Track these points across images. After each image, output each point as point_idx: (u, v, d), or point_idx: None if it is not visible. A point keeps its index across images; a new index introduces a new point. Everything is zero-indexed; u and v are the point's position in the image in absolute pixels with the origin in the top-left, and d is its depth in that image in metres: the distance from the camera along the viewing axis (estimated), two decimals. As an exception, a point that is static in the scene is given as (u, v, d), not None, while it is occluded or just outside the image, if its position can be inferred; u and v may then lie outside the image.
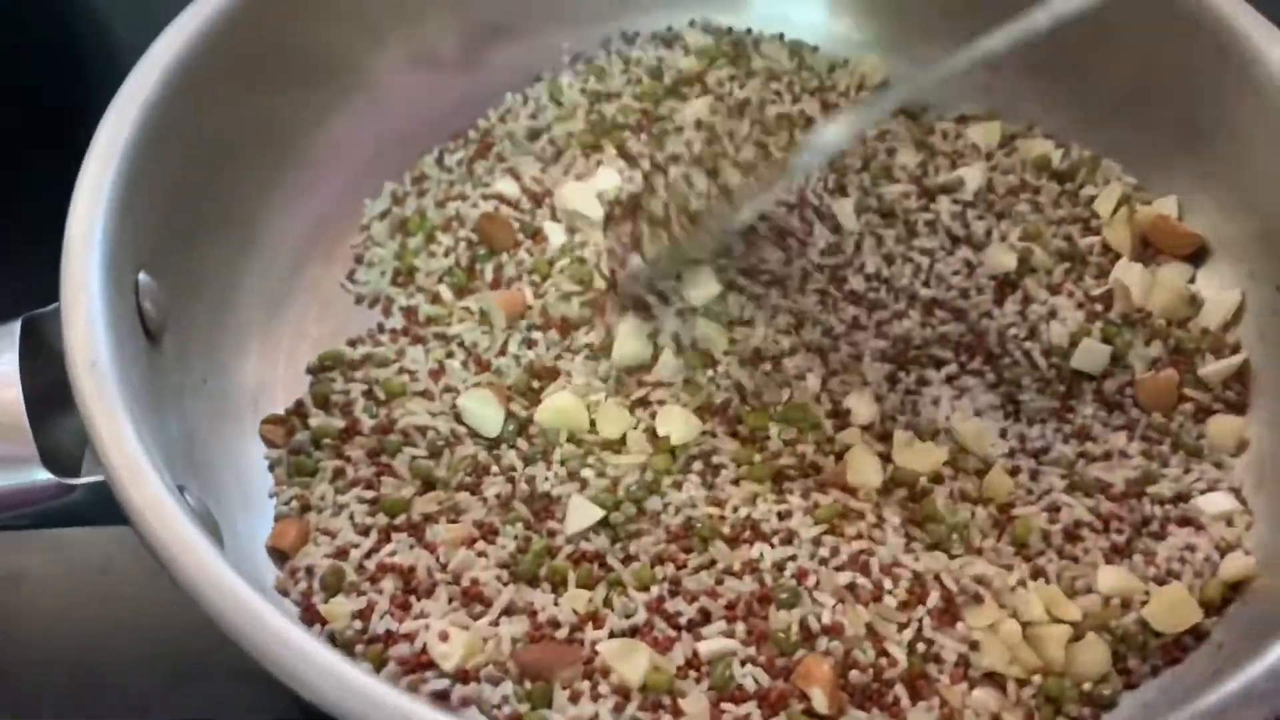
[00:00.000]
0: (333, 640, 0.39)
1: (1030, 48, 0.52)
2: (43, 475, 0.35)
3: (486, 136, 0.54)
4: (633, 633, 0.39)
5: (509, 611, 0.39)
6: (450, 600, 0.39)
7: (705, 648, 0.38)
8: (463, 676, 0.37)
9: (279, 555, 0.41)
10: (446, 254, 0.49)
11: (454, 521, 0.41)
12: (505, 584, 0.40)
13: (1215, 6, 0.47)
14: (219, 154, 0.46)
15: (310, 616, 0.39)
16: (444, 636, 0.37)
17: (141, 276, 0.40)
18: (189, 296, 0.43)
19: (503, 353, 0.46)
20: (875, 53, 0.56)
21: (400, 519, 0.42)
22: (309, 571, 0.40)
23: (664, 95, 0.54)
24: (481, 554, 0.40)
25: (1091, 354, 0.46)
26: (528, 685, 0.37)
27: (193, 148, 0.44)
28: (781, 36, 0.57)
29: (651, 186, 0.46)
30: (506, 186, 0.51)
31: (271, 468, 0.44)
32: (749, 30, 0.57)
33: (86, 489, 0.36)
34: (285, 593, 0.40)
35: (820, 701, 0.36)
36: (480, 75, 0.55)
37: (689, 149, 0.50)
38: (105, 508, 0.35)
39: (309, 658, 0.30)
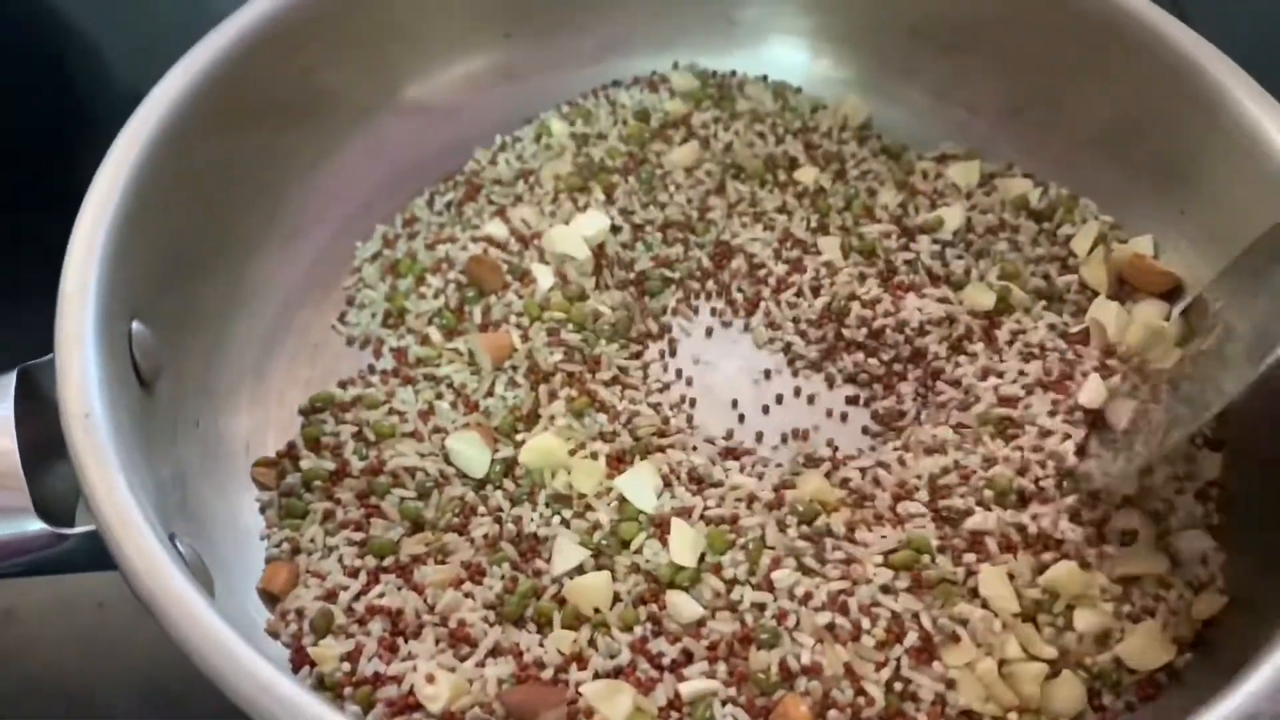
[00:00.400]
0: (321, 682, 0.39)
1: (1008, 89, 0.54)
2: (36, 525, 0.36)
3: (475, 178, 0.55)
4: (616, 673, 0.39)
5: (495, 652, 0.40)
6: (437, 642, 0.40)
7: (687, 689, 0.39)
8: (449, 718, 0.38)
9: (270, 598, 0.42)
10: (436, 296, 0.50)
11: (442, 562, 0.42)
12: (491, 625, 0.41)
13: (1189, 51, 0.48)
14: (211, 202, 0.47)
15: (300, 659, 0.40)
16: (430, 679, 0.38)
17: (135, 325, 0.41)
18: (182, 341, 0.44)
19: (490, 394, 0.47)
20: (855, 93, 0.57)
21: (389, 560, 0.42)
22: (299, 614, 0.41)
23: (650, 138, 0.55)
24: (468, 595, 0.41)
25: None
26: None
27: (186, 197, 0.45)
28: (765, 78, 0.58)
29: None
30: (495, 229, 0.52)
31: (263, 510, 0.45)
32: (733, 72, 0.58)
33: (78, 541, 0.37)
34: (276, 635, 0.41)
35: (799, 741, 0.37)
36: (470, 119, 0.56)
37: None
38: (99, 556, 0.36)
39: (295, 708, 0.31)
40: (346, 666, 0.39)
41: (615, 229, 0.52)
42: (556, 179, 0.54)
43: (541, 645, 0.40)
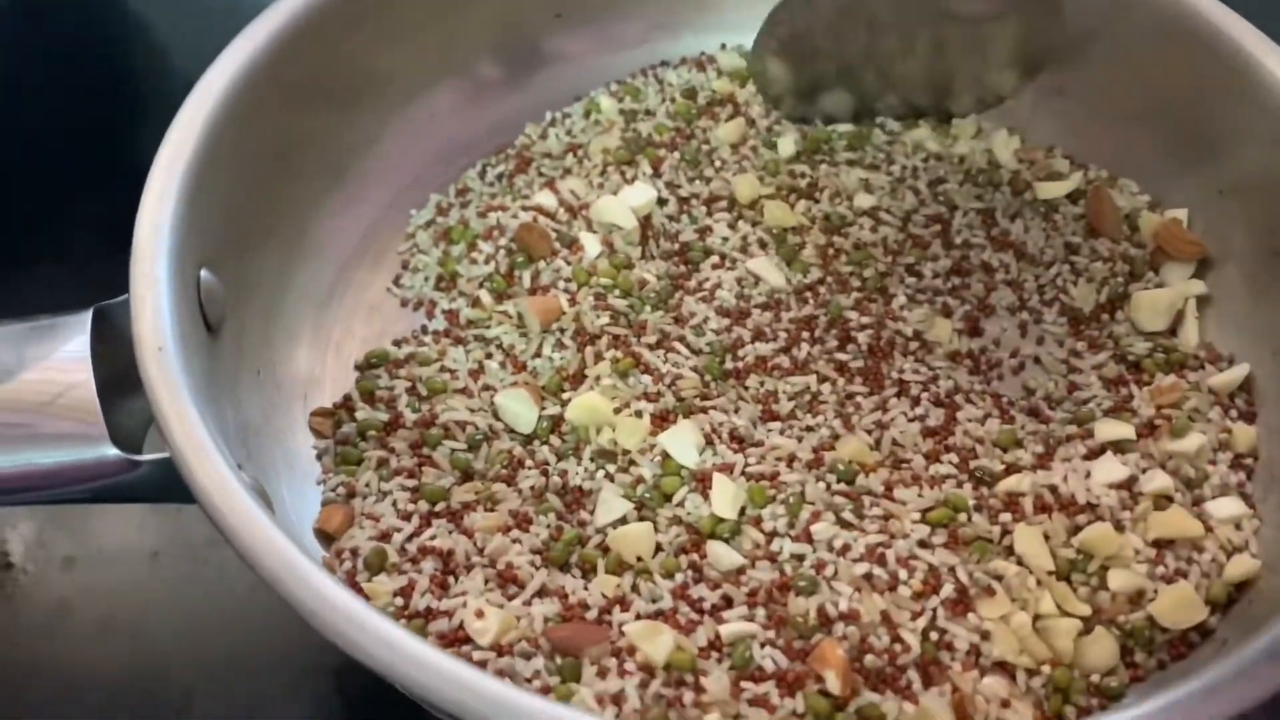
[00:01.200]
0: None
1: (1050, 70, 0.55)
2: (112, 451, 0.38)
3: (525, 152, 0.56)
4: (658, 615, 0.41)
5: (541, 593, 0.41)
6: (486, 581, 0.41)
7: (726, 630, 0.40)
8: (498, 650, 0.39)
9: (325, 538, 0.44)
10: (487, 261, 0.52)
11: (490, 510, 0.44)
12: (538, 568, 0.42)
13: (1227, 28, 0.49)
14: (275, 166, 0.49)
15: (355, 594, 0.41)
16: (480, 614, 0.39)
17: (203, 273, 0.43)
18: (246, 294, 0.46)
19: (538, 355, 0.49)
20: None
21: (440, 506, 0.44)
22: (354, 553, 0.42)
23: (697, 115, 0.57)
24: (516, 540, 0.43)
25: None
26: (558, 660, 0.39)
27: (251, 160, 0.47)
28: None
29: None
30: (545, 199, 0.54)
31: (319, 457, 0.46)
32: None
33: (148, 468, 0.38)
34: (331, 572, 0.42)
35: (834, 684, 0.38)
36: (522, 96, 0.57)
37: None
38: (164, 486, 0.38)
39: (360, 621, 0.32)
40: (400, 601, 0.41)
41: (661, 201, 0.54)
42: (605, 153, 0.55)
43: (586, 589, 0.41)
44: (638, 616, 0.40)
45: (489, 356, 0.49)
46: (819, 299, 0.51)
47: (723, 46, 0.60)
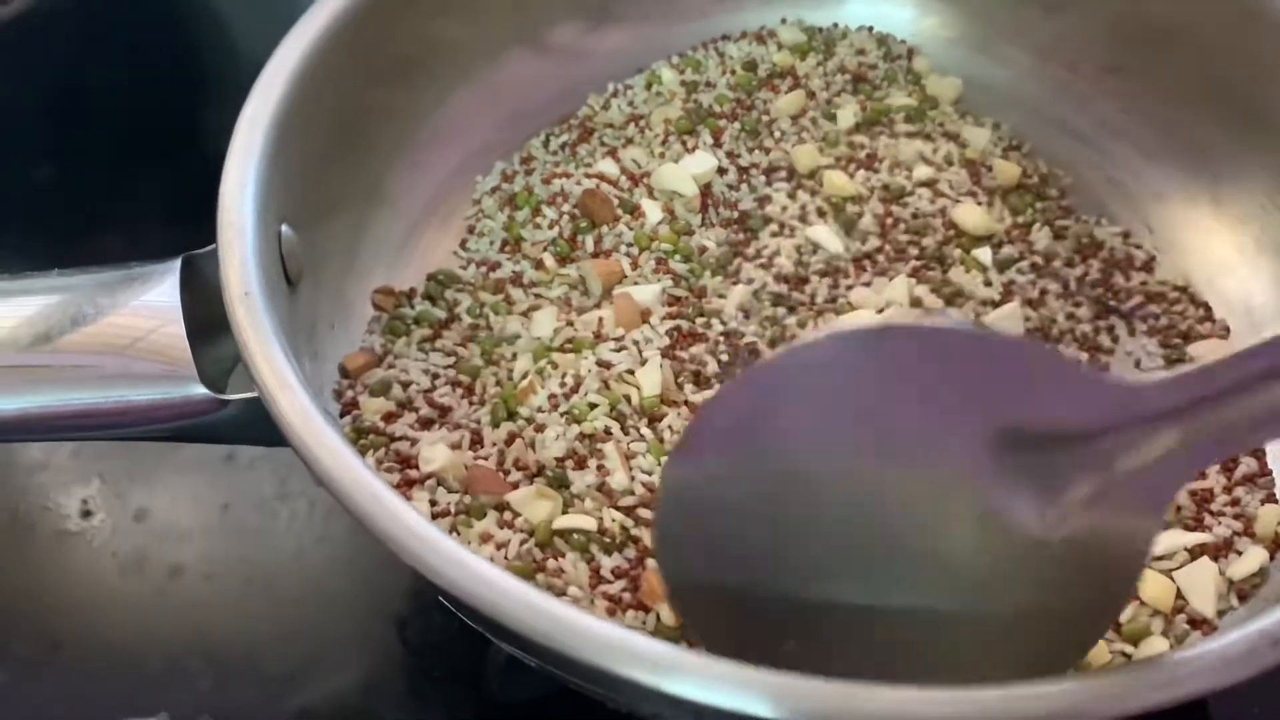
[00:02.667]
0: (356, 426, 0.45)
1: (1109, 48, 0.55)
2: (201, 390, 0.39)
3: (588, 122, 0.57)
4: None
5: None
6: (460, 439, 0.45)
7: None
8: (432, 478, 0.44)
9: (344, 374, 0.48)
10: (551, 226, 0.53)
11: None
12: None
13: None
14: (349, 131, 0.50)
15: (348, 407, 0.46)
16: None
17: (284, 228, 0.44)
18: (322, 249, 0.47)
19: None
20: (961, 50, 0.59)
21: (466, 380, 0.47)
22: (365, 384, 0.47)
23: (757, 87, 0.58)
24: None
25: None
26: (468, 500, 0.43)
27: (325, 125, 0.48)
28: (870, 29, 0.60)
29: None
30: (607, 167, 0.55)
31: (369, 329, 0.50)
32: (835, 24, 0.61)
33: (235, 408, 0.40)
34: (339, 395, 0.46)
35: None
36: (585, 66, 0.59)
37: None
38: (247, 427, 0.40)
39: (439, 548, 0.34)
40: (382, 424, 0.45)
41: (721, 170, 0.55)
42: (666, 123, 0.56)
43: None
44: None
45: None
46: (877, 266, 0.52)
47: (783, 21, 0.61)
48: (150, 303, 0.40)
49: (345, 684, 0.49)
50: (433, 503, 0.43)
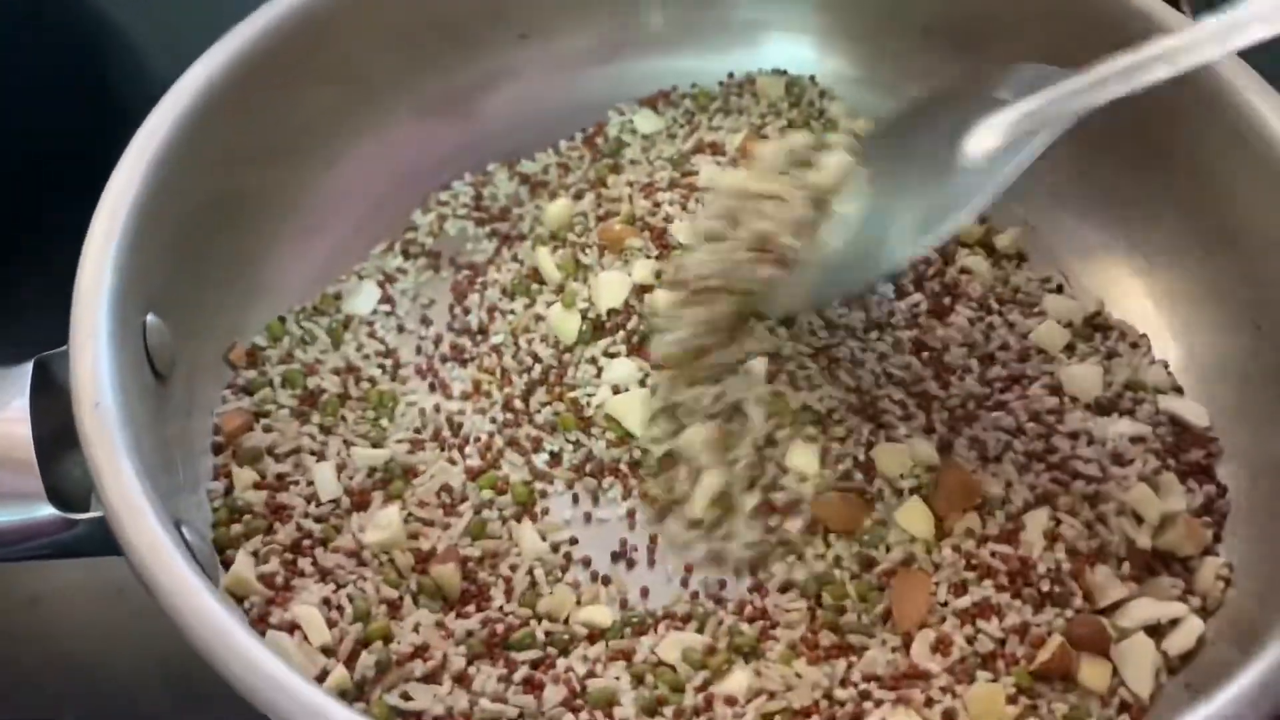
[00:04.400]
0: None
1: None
2: (48, 510, 0.37)
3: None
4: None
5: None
6: None
7: None
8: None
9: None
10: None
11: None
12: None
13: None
14: (226, 204, 0.48)
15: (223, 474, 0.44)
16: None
17: (150, 318, 0.42)
18: (197, 336, 0.45)
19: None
20: (867, 91, 0.57)
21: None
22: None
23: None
24: None
25: None
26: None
27: (200, 198, 0.46)
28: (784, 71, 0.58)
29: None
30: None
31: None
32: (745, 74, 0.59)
33: (88, 526, 0.38)
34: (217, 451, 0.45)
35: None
36: (476, 124, 0.56)
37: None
38: (105, 544, 0.37)
39: (301, 698, 0.32)
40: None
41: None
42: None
43: None
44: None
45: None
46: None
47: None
48: (-1, 413, 0.38)
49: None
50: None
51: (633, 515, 0.45)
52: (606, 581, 0.44)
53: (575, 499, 0.46)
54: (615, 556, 0.45)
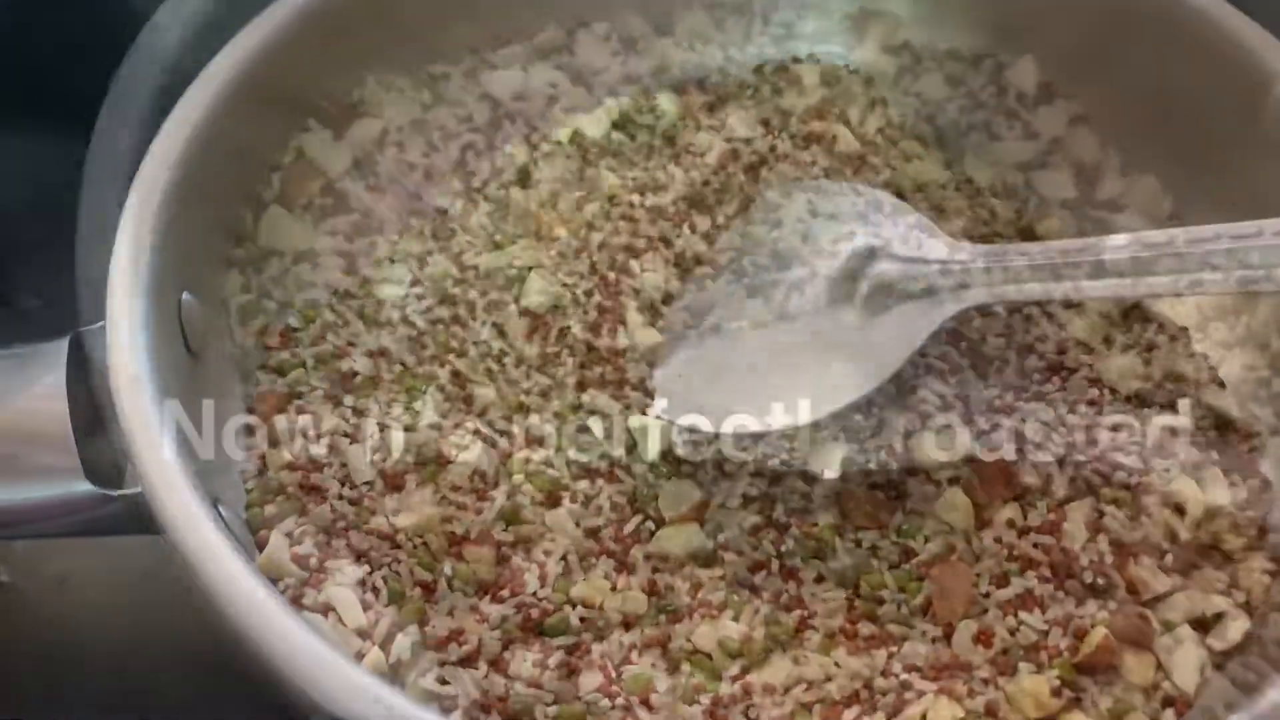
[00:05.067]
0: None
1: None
2: (84, 486, 0.37)
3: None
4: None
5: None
6: None
7: None
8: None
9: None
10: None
11: None
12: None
13: (1234, 31, 0.48)
14: (253, 181, 0.48)
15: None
16: None
17: (185, 296, 0.42)
18: (230, 315, 0.45)
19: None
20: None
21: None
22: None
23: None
24: None
25: None
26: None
27: (234, 178, 0.46)
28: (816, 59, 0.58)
29: None
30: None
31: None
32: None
33: (124, 503, 0.38)
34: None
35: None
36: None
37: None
38: (142, 521, 0.37)
39: (331, 669, 0.32)
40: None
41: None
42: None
43: None
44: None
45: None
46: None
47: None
48: (35, 390, 0.38)
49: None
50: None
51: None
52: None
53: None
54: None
